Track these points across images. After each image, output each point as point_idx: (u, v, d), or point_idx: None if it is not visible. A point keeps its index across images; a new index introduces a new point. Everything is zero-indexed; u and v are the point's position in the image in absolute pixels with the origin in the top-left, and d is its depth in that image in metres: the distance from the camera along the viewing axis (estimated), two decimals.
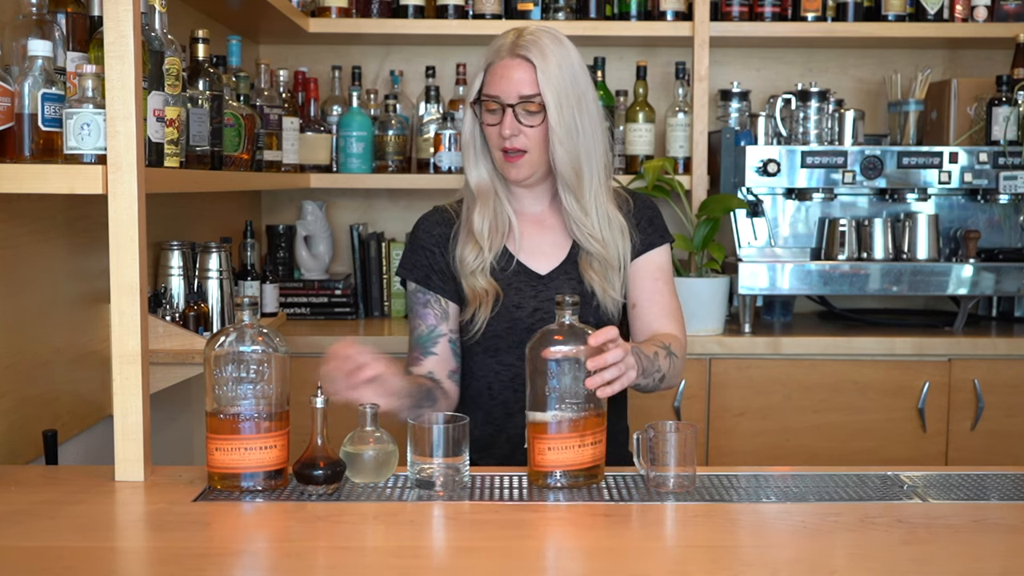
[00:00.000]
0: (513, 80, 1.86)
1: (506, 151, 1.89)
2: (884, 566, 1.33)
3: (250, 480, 1.57)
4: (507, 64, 1.87)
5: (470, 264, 1.93)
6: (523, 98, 1.86)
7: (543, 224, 1.99)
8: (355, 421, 1.63)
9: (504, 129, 1.87)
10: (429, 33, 3.19)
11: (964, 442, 2.93)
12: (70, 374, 2.03)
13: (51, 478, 1.68)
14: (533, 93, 1.86)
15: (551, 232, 1.98)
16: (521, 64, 1.87)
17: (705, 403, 2.92)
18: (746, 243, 3.11)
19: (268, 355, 1.57)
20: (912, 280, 3.02)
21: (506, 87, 1.87)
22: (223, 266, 2.45)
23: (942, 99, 3.21)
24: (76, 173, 1.59)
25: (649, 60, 3.32)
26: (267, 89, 2.85)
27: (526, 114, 1.87)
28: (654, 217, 2.01)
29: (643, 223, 1.99)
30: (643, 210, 2.00)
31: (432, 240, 1.99)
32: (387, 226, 3.50)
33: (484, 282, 1.92)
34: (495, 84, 1.88)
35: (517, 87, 1.86)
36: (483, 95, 1.90)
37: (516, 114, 1.87)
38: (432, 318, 1.95)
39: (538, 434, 1.61)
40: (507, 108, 1.87)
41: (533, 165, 1.91)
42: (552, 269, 1.94)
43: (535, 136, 1.88)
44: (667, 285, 1.99)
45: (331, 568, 1.34)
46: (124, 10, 1.58)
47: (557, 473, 1.60)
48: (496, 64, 1.89)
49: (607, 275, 1.93)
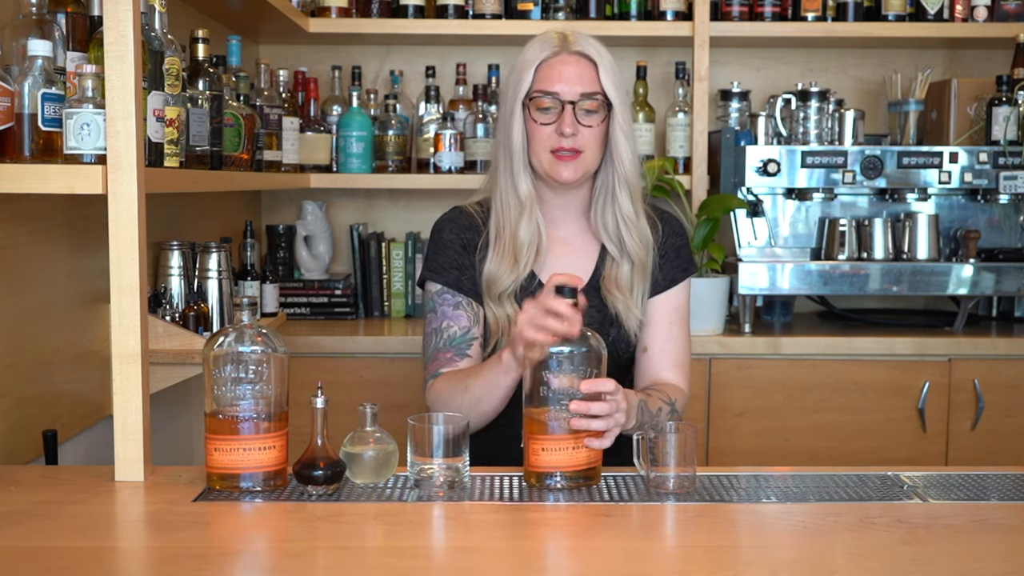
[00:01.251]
0: (573, 77, 1.80)
1: (561, 150, 1.82)
2: (884, 566, 1.33)
3: (249, 480, 1.57)
4: (564, 60, 1.81)
5: (503, 284, 1.85)
6: (585, 95, 1.80)
7: (568, 244, 1.93)
8: (355, 421, 1.63)
9: (565, 126, 1.79)
10: (429, 33, 3.19)
11: (964, 442, 2.93)
12: (70, 374, 2.03)
13: (51, 478, 1.68)
14: (594, 91, 1.81)
15: (575, 253, 1.92)
16: (579, 60, 1.82)
17: (705, 403, 2.92)
18: (746, 243, 3.11)
19: (267, 355, 1.57)
20: (912, 280, 3.02)
21: (566, 84, 1.80)
22: (223, 266, 2.45)
23: (942, 99, 3.21)
24: (76, 173, 1.59)
25: (649, 60, 3.32)
26: (267, 89, 2.85)
27: (585, 113, 1.81)
28: (681, 247, 1.96)
29: (669, 252, 1.94)
30: (671, 237, 1.95)
31: (460, 244, 1.91)
32: (387, 226, 3.50)
33: (511, 310, 1.85)
34: (551, 80, 1.81)
35: (578, 83, 1.80)
36: (536, 92, 1.82)
37: (576, 112, 1.80)
38: (465, 320, 1.88)
39: (533, 434, 1.60)
40: (566, 105, 1.80)
41: (586, 166, 1.84)
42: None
43: (592, 136, 1.82)
44: (682, 330, 1.95)
45: (331, 568, 1.34)
46: (124, 10, 1.58)
47: (557, 475, 1.59)
48: (550, 61, 1.82)
49: (633, 289, 1.88)
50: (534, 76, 1.83)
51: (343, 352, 2.94)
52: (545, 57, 1.83)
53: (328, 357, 2.93)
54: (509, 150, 1.86)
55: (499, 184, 1.89)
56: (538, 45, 1.85)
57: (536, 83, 1.83)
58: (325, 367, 2.89)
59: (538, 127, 1.83)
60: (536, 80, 1.83)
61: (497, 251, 1.87)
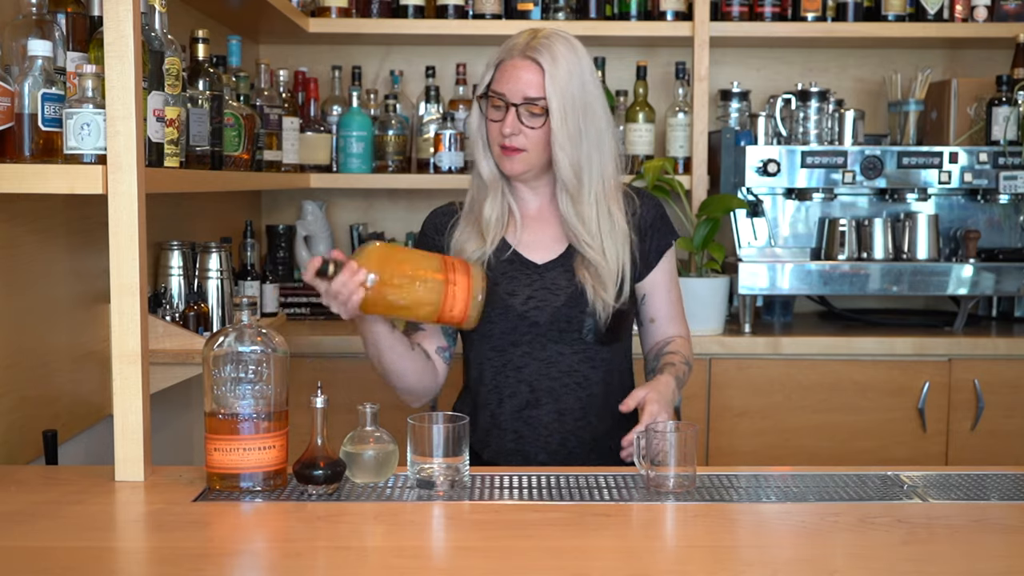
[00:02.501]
0: (520, 81, 1.88)
1: (504, 146, 1.90)
2: (884, 566, 1.33)
3: (249, 480, 1.57)
4: (516, 64, 1.89)
5: (467, 254, 1.94)
6: (527, 100, 1.87)
7: (542, 219, 2.00)
8: (355, 421, 1.63)
9: (504, 127, 1.88)
10: (429, 33, 3.19)
11: (964, 442, 2.93)
12: (70, 374, 2.03)
13: (51, 478, 1.68)
14: (538, 96, 1.87)
15: (550, 227, 1.99)
16: (530, 66, 1.88)
17: (705, 403, 2.92)
18: (746, 243, 3.11)
19: (267, 355, 1.57)
20: (912, 280, 3.02)
21: (512, 87, 1.88)
22: (223, 266, 2.45)
23: (942, 99, 3.21)
24: (76, 173, 1.59)
25: (649, 60, 3.32)
26: (267, 89, 2.85)
27: (528, 116, 1.88)
28: (658, 218, 2.01)
29: (654, 222, 2.00)
30: (649, 209, 2.01)
31: (433, 228, 2.03)
32: (387, 226, 3.50)
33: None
34: (502, 82, 1.89)
35: (523, 88, 1.87)
36: (490, 91, 1.91)
37: (519, 114, 1.88)
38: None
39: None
40: (510, 107, 1.88)
41: (530, 162, 1.92)
42: (549, 260, 1.95)
43: (535, 137, 1.89)
44: (675, 290, 2.05)
45: (331, 568, 1.34)
46: (124, 10, 1.58)
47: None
48: (506, 62, 1.90)
49: (600, 279, 1.92)
50: (493, 74, 1.93)
51: (343, 352, 2.94)
52: (503, 58, 1.92)
53: (328, 357, 2.93)
54: (472, 135, 1.99)
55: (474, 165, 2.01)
56: (506, 44, 1.93)
57: (493, 82, 1.92)
58: (325, 367, 2.89)
59: (490, 123, 1.93)
60: (494, 79, 1.92)
61: (466, 224, 1.99)
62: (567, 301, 1.90)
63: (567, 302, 1.90)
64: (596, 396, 1.92)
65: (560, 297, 1.90)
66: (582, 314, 1.91)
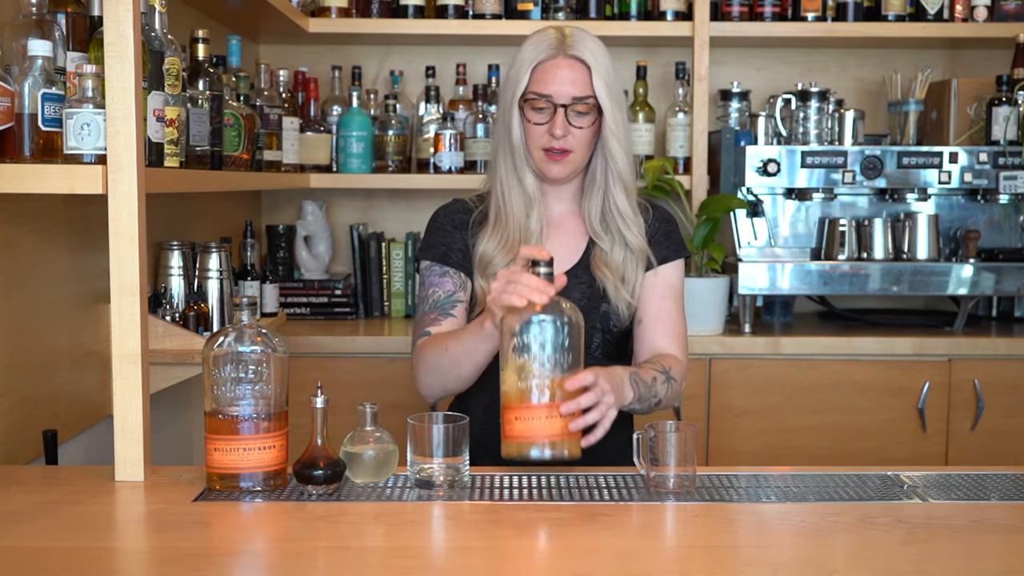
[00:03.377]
0: (566, 80, 1.87)
1: (551, 150, 1.88)
2: (884, 566, 1.33)
3: (249, 480, 1.57)
4: (559, 63, 1.87)
5: (497, 264, 1.90)
6: (576, 99, 1.86)
7: (560, 227, 1.98)
8: (355, 421, 1.63)
9: (556, 129, 1.86)
10: (429, 33, 3.19)
11: (964, 442, 2.93)
12: (70, 374, 2.03)
13: (51, 478, 1.68)
14: (586, 95, 1.87)
15: (567, 235, 1.98)
16: (574, 64, 1.87)
17: (705, 403, 2.92)
18: (746, 243, 3.11)
19: (267, 355, 1.57)
20: (912, 280, 3.02)
21: (559, 87, 1.86)
22: (223, 266, 2.45)
23: (942, 99, 3.21)
24: (76, 173, 1.59)
25: (649, 60, 3.32)
26: (267, 89, 2.85)
27: (576, 115, 1.87)
28: (671, 231, 2.01)
29: (659, 236, 1.99)
30: (661, 223, 2.00)
31: (451, 223, 1.98)
32: (387, 226, 3.50)
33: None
34: (545, 83, 1.87)
35: (569, 88, 1.86)
36: (531, 93, 1.88)
37: (567, 115, 1.87)
38: (451, 285, 1.94)
39: (505, 404, 1.57)
40: (559, 108, 1.86)
41: (575, 164, 1.91)
42: (564, 270, 1.92)
43: (582, 137, 1.89)
44: (675, 303, 1.99)
45: (331, 568, 1.34)
46: (124, 10, 1.58)
47: (526, 446, 1.55)
48: (546, 63, 1.88)
49: (625, 274, 1.93)
50: (530, 77, 1.89)
51: (343, 352, 2.94)
52: (542, 59, 1.88)
53: (328, 357, 2.93)
54: (510, 144, 1.92)
55: (499, 174, 1.95)
56: (536, 45, 1.89)
57: (532, 84, 1.88)
58: (325, 367, 2.89)
59: (532, 126, 1.89)
60: (532, 81, 1.88)
61: (496, 233, 1.93)
62: (586, 303, 1.89)
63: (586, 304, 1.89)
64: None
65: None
66: (592, 328, 1.90)
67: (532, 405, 1.55)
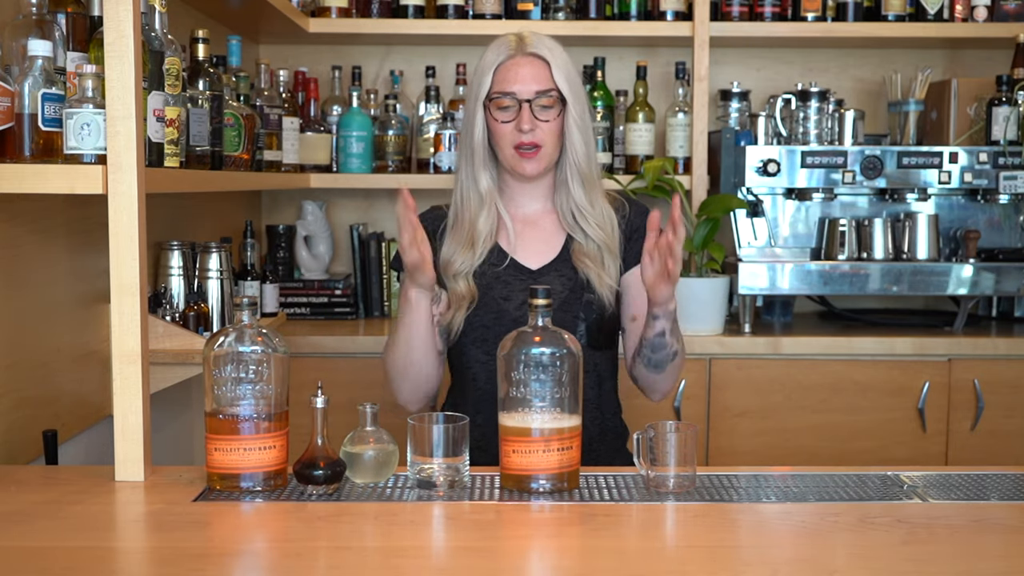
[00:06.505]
0: (528, 77, 1.92)
1: (522, 146, 1.92)
2: (884, 566, 1.33)
3: (249, 480, 1.57)
4: (519, 61, 1.93)
5: (456, 267, 1.96)
6: (539, 92, 1.91)
7: (536, 224, 2.02)
8: (355, 421, 1.63)
9: (523, 123, 1.91)
10: (429, 33, 3.19)
11: (964, 442, 2.93)
12: (70, 374, 2.03)
13: (51, 478, 1.68)
14: (548, 88, 1.92)
15: (544, 232, 2.01)
16: (533, 61, 1.93)
17: (705, 403, 2.92)
18: (746, 243, 3.11)
19: (267, 355, 1.57)
20: (912, 280, 3.02)
21: (521, 84, 1.92)
22: (223, 266, 2.45)
23: (942, 99, 3.21)
24: (76, 173, 1.59)
25: (649, 60, 3.32)
26: (267, 89, 2.85)
27: (541, 109, 1.92)
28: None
29: (636, 233, 2.01)
30: (638, 217, 2.02)
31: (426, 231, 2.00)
32: (387, 226, 3.50)
33: (464, 286, 1.96)
34: (507, 82, 1.93)
35: (533, 83, 1.92)
36: (495, 93, 1.93)
37: (532, 109, 1.91)
38: None
39: (504, 436, 1.59)
40: (523, 104, 1.91)
41: (547, 159, 1.95)
42: (543, 265, 1.97)
43: (549, 130, 1.93)
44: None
45: (331, 568, 1.34)
46: (124, 10, 1.58)
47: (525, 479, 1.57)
48: (507, 63, 1.94)
49: (603, 262, 1.96)
50: (493, 78, 1.95)
51: (343, 352, 2.94)
52: (502, 60, 1.95)
53: (328, 357, 2.93)
54: (471, 146, 1.98)
55: (460, 177, 2.01)
56: (496, 49, 1.96)
57: (495, 85, 1.94)
58: (325, 367, 2.89)
59: (499, 125, 1.95)
60: (495, 82, 1.94)
61: (455, 236, 1.99)
62: (561, 305, 1.92)
63: (561, 306, 1.92)
64: (589, 401, 1.92)
65: (554, 301, 1.90)
66: (575, 318, 1.92)
67: (531, 439, 1.57)
